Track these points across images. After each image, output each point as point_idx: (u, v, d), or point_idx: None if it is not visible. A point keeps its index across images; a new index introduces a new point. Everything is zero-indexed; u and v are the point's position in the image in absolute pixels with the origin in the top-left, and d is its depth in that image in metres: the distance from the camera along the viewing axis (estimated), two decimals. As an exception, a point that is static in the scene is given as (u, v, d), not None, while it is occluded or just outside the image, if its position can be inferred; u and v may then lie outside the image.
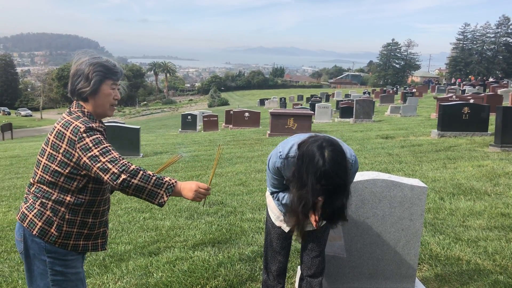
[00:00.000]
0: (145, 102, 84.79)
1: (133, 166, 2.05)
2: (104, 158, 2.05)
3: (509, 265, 3.69)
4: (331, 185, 2.04)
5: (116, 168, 2.03)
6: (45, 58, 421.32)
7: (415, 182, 3.19)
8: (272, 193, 2.62)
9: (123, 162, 2.06)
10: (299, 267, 3.01)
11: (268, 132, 15.46)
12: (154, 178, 2.07)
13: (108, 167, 2.03)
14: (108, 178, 2.03)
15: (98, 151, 2.07)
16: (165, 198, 2.08)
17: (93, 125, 2.15)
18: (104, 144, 2.10)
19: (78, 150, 2.08)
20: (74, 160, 2.11)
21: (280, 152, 2.37)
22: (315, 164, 2.05)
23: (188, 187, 2.15)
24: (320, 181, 2.03)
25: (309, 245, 2.70)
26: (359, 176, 3.19)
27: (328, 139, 2.17)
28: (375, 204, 3.15)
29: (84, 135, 2.09)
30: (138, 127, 12.37)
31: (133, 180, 2.03)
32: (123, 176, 2.02)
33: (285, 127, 15.28)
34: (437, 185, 6.49)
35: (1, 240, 4.93)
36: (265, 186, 7.13)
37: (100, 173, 2.05)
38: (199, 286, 3.47)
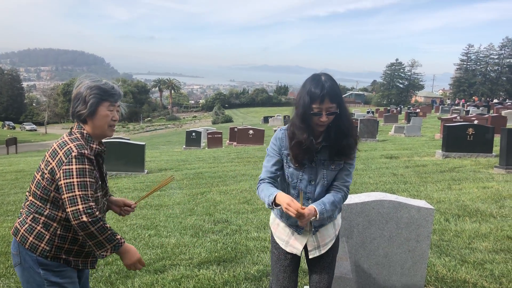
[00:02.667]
0: (149, 118, 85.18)
1: (97, 213, 2.12)
2: (78, 191, 2.11)
3: (516, 289, 3.68)
4: (325, 93, 2.22)
5: (83, 207, 2.09)
6: (51, 73, 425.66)
7: (422, 203, 3.21)
8: (263, 179, 2.45)
9: (92, 205, 2.12)
10: None
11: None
12: (109, 232, 2.16)
13: (76, 201, 2.10)
14: (70, 211, 2.09)
15: (77, 181, 2.12)
16: (108, 253, 2.18)
17: (86, 151, 2.19)
18: (86, 177, 2.15)
19: (61, 171, 2.14)
20: (56, 178, 2.16)
21: (282, 128, 2.50)
22: (310, 81, 2.29)
23: (131, 254, 2.26)
24: (316, 91, 2.23)
25: (317, 276, 2.57)
26: (366, 197, 3.21)
27: (317, 73, 2.38)
28: (382, 225, 3.16)
29: (73, 160, 2.14)
30: (143, 143, 12.43)
31: (91, 227, 2.10)
32: (84, 218, 2.08)
33: (289, 146, 15.31)
34: (442, 206, 6.49)
35: (8, 255, 4.94)
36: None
37: (67, 203, 2.11)
38: (205, 304, 3.47)
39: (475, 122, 18.12)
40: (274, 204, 2.26)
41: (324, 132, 2.37)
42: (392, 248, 3.18)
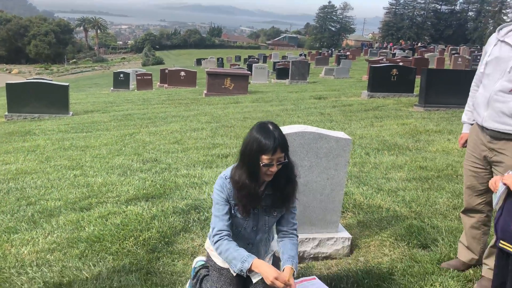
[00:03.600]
0: (75, 60, 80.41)
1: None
2: None
3: (423, 211, 4.04)
4: (277, 144, 2.17)
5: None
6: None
7: (341, 134, 3.36)
8: (218, 233, 2.29)
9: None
10: None
11: (205, 92, 15.35)
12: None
13: None
14: None
15: None
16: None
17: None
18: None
19: None
20: None
21: (224, 175, 2.36)
22: (258, 131, 2.23)
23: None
24: (267, 143, 2.16)
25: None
26: (289, 129, 3.31)
27: (265, 120, 2.34)
28: (303, 155, 3.29)
29: None
30: (67, 84, 11.82)
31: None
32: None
33: (222, 87, 15.23)
34: (364, 142, 6.85)
35: None
36: (201, 143, 7.17)
37: None
38: (132, 238, 3.51)
39: (400, 64, 18.88)
40: (248, 271, 2.19)
41: (270, 181, 2.32)
42: (312, 177, 3.34)
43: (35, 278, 2.91)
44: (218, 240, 2.28)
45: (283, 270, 2.29)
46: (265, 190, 2.36)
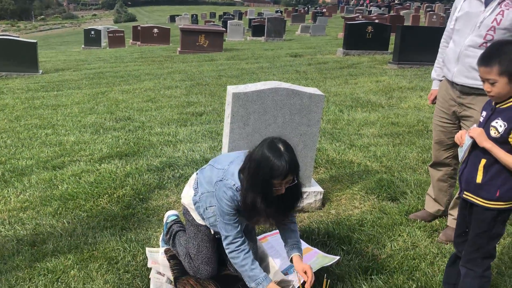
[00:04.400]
0: (43, 17, 77.13)
1: None
2: None
3: (393, 166, 4.14)
4: (288, 168, 2.02)
5: None
6: None
7: (313, 90, 3.37)
8: (234, 243, 2.22)
9: None
10: None
11: (179, 49, 15.03)
12: None
13: None
14: None
15: None
16: None
17: None
18: None
19: None
20: None
21: (234, 184, 2.19)
22: (269, 152, 2.04)
23: None
24: (280, 169, 2.00)
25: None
26: (262, 85, 3.30)
27: (274, 137, 2.14)
28: (276, 112, 3.30)
29: None
30: (35, 41, 11.38)
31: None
32: None
33: (196, 44, 14.93)
34: (338, 99, 6.89)
35: None
36: (175, 102, 7.09)
37: None
38: (106, 195, 3.51)
39: (376, 21, 18.80)
40: None
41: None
42: (285, 133, 3.36)
43: (8, 236, 2.90)
44: (235, 250, 2.21)
45: (291, 259, 2.32)
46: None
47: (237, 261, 2.20)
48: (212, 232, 2.43)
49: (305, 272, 2.22)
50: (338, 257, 2.56)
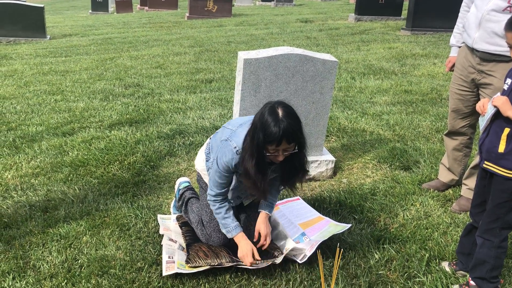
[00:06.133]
0: (49, -19, 76.11)
1: None
2: None
3: (406, 134, 4.08)
4: (282, 134, 1.94)
5: None
6: None
7: (327, 56, 3.28)
8: (215, 198, 2.27)
9: None
10: None
11: (187, 14, 14.79)
12: None
13: None
14: None
15: None
16: None
17: None
18: None
19: None
20: None
21: (235, 147, 2.15)
22: (267, 116, 1.98)
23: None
24: (272, 133, 1.95)
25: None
26: (274, 51, 3.22)
27: (278, 101, 2.06)
28: (289, 79, 3.23)
29: None
30: (42, 5, 11.22)
31: None
32: None
33: (205, 10, 14.68)
34: (350, 66, 6.77)
35: None
36: (184, 68, 7.01)
37: None
38: (117, 162, 3.50)
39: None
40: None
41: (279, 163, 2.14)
42: (297, 101, 3.30)
43: (21, 201, 2.91)
44: (214, 202, 2.28)
45: (259, 213, 2.38)
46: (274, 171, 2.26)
47: (214, 210, 2.29)
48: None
49: (259, 233, 2.33)
50: (349, 225, 2.55)
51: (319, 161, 3.38)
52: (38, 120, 4.55)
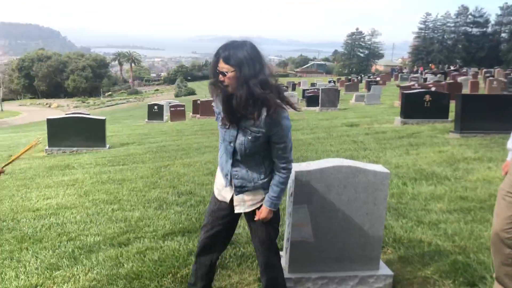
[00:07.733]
0: (110, 93, 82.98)
1: None
2: None
3: (467, 246, 3.89)
4: (220, 52, 2.38)
5: None
6: (4, 47, 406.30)
7: (378, 168, 3.31)
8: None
9: None
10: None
11: (236, 121, 15.47)
12: None
13: None
14: None
15: None
16: None
17: None
18: None
19: None
20: None
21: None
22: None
23: None
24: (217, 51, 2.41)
25: (253, 227, 2.83)
26: (325, 163, 3.28)
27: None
28: (340, 190, 3.25)
29: None
30: (104, 117, 12.17)
31: None
32: None
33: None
34: (400, 171, 6.71)
35: None
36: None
37: None
38: (170, 274, 3.50)
39: (432, 89, 18.61)
40: None
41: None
42: (350, 212, 3.28)
43: (76, 317, 2.93)
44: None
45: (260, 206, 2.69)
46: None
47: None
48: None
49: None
50: None
51: (376, 276, 3.25)
52: (96, 230, 4.70)
